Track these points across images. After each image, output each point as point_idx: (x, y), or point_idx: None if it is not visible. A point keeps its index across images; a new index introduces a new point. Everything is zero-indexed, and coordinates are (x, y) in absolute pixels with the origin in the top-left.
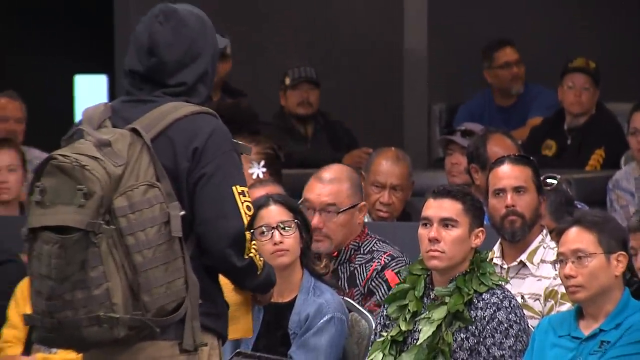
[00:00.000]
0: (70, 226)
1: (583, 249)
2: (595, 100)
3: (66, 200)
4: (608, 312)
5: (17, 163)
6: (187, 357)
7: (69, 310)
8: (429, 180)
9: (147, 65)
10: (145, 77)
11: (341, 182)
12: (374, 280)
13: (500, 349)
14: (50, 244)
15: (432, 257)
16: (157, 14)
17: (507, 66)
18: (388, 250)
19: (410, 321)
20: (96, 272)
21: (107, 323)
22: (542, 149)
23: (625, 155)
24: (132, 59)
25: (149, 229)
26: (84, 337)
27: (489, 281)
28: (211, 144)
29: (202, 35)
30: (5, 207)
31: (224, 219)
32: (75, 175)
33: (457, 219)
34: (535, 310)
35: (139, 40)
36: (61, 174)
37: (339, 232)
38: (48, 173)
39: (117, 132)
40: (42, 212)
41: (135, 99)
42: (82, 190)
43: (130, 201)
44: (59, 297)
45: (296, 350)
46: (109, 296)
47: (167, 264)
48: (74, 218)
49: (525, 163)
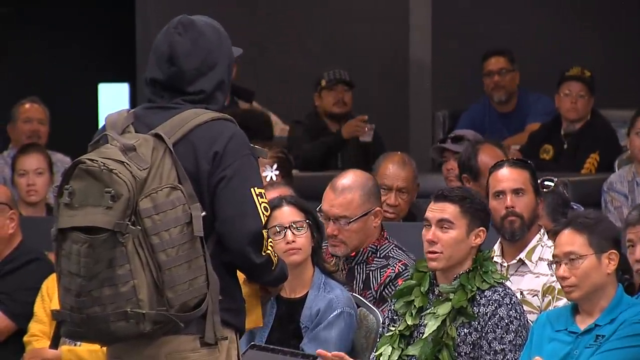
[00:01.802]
0: (99, 227)
1: (575, 251)
2: (591, 107)
3: (94, 202)
4: (603, 308)
5: (44, 166)
6: (208, 350)
7: (98, 306)
8: (433, 182)
9: (168, 74)
10: (165, 85)
11: (352, 192)
12: (387, 287)
13: (501, 344)
14: (79, 243)
15: (430, 259)
16: (175, 25)
17: (489, 75)
18: (403, 259)
19: (416, 316)
20: (123, 270)
21: (133, 318)
22: (540, 153)
23: (619, 159)
24: (153, 68)
25: (172, 229)
26: (111, 332)
27: (491, 279)
28: (230, 148)
29: (218, 46)
30: (33, 209)
31: (244, 219)
32: (104, 179)
33: (453, 220)
34: (534, 305)
35: (159, 50)
36: (89, 177)
37: (354, 238)
38: (76, 176)
39: (140, 137)
40: (71, 213)
41: (156, 105)
42: (110, 193)
43: (154, 203)
44: (88, 294)
45: (307, 343)
46: (135, 293)
47: (190, 262)
48: (102, 219)
49: (523, 166)
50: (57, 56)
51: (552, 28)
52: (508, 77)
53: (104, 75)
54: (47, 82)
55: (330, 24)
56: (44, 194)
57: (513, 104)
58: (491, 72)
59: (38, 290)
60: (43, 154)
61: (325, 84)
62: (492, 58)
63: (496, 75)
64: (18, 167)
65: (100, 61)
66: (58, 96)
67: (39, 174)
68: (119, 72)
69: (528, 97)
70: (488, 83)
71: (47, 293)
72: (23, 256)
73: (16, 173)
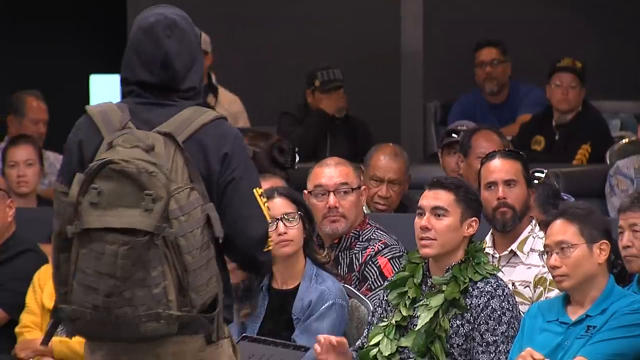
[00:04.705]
0: (136, 228)
1: (566, 240)
2: (582, 98)
3: (129, 204)
4: (594, 299)
5: (34, 158)
6: (211, 348)
7: (128, 307)
8: (425, 173)
9: (161, 78)
10: (157, 86)
11: (346, 165)
12: (367, 265)
13: (494, 335)
14: (117, 244)
15: (423, 245)
16: (162, 28)
17: (481, 66)
18: (383, 238)
19: (410, 307)
20: (156, 272)
21: (164, 319)
22: (531, 144)
23: (610, 150)
24: (139, 70)
25: (195, 230)
26: (140, 332)
27: (483, 270)
28: (238, 150)
29: (195, 39)
30: (23, 200)
31: (252, 220)
32: (142, 181)
33: (447, 208)
34: (525, 296)
35: (146, 52)
36: (123, 179)
37: (353, 211)
38: (105, 176)
39: (150, 136)
40: (101, 213)
41: (150, 101)
42: (150, 195)
43: (179, 204)
44: (120, 295)
45: (299, 334)
46: (166, 294)
47: (208, 262)
48: (142, 221)
49: (515, 158)
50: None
51: (543, 19)
52: (500, 68)
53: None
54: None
55: (321, 14)
56: (35, 185)
57: (504, 95)
58: (483, 62)
59: (30, 281)
60: (33, 145)
61: (320, 85)
62: (484, 49)
63: (488, 66)
64: (8, 158)
65: (92, 52)
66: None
67: (29, 165)
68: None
69: (519, 88)
70: (480, 74)
71: (39, 284)
72: (15, 247)
73: (6, 164)
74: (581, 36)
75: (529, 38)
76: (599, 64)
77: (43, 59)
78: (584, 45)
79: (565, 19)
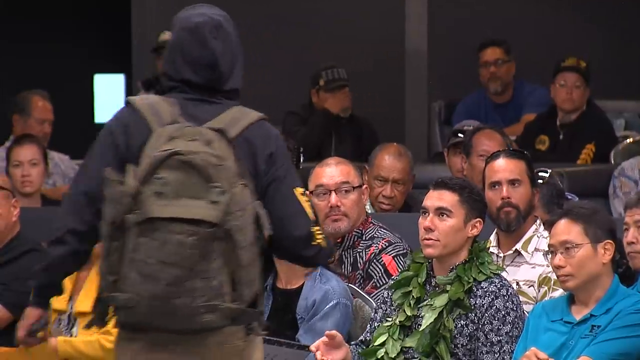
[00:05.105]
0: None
1: (570, 240)
2: (586, 98)
3: (194, 195)
4: (598, 298)
5: (39, 157)
6: (250, 341)
7: (187, 298)
8: (429, 173)
9: (208, 78)
10: (203, 86)
11: (347, 164)
12: (371, 263)
13: (498, 335)
14: (184, 234)
15: (426, 245)
16: (209, 29)
17: (486, 65)
18: (387, 236)
19: (414, 307)
20: (216, 264)
21: (220, 312)
22: (535, 143)
23: (614, 150)
24: (184, 70)
25: (249, 227)
26: (196, 323)
27: (487, 270)
28: (280, 149)
29: (236, 37)
30: (28, 200)
31: (295, 219)
32: (209, 173)
33: (451, 209)
34: (530, 296)
35: (192, 53)
36: (189, 170)
37: (354, 210)
38: (171, 167)
39: (202, 131)
40: (167, 203)
41: (198, 97)
42: (218, 188)
43: (236, 199)
44: (181, 284)
45: (303, 334)
46: (222, 287)
47: (256, 258)
48: (209, 213)
49: (519, 157)
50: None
51: (548, 18)
52: (504, 67)
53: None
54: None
55: (325, 13)
56: (39, 185)
57: (509, 94)
58: (487, 62)
59: None
60: (38, 145)
61: (325, 84)
62: (488, 49)
63: (492, 66)
64: (12, 158)
65: (96, 52)
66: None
67: (33, 164)
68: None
69: (524, 87)
70: (484, 74)
71: None
72: (20, 246)
73: (10, 164)
74: (586, 36)
75: (534, 37)
76: (603, 64)
77: (47, 59)
78: (589, 45)
79: (570, 19)
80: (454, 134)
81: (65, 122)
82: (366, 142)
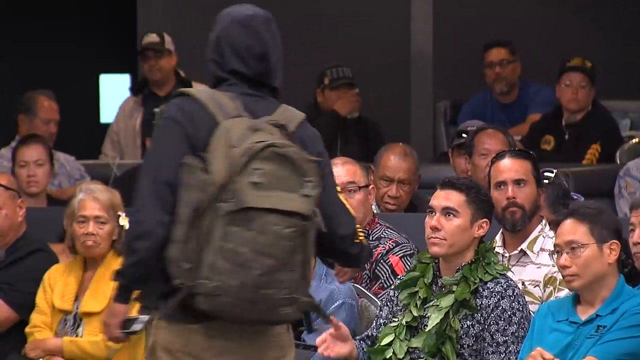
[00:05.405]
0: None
1: (576, 240)
2: (592, 98)
3: (286, 188)
4: (604, 298)
5: (44, 158)
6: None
7: (274, 289)
8: (434, 173)
9: (258, 70)
10: (251, 79)
11: (353, 164)
12: (378, 264)
13: (504, 335)
14: (281, 226)
15: (432, 244)
16: (262, 22)
17: (491, 66)
18: (394, 237)
19: (420, 307)
20: (298, 257)
21: (297, 305)
22: (541, 143)
23: (620, 150)
24: (233, 60)
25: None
26: (276, 315)
27: (493, 270)
28: (324, 148)
29: (279, 37)
30: (33, 200)
31: (341, 216)
32: (302, 167)
33: (458, 209)
34: (535, 296)
35: (243, 44)
36: (283, 162)
37: (360, 210)
38: (267, 158)
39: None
40: (263, 194)
41: (252, 93)
42: (311, 182)
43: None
44: (272, 275)
45: (308, 334)
46: (300, 280)
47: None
48: (303, 206)
49: (525, 157)
50: (58, 47)
51: (553, 18)
52: (509, 68)
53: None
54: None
55: (331, 14)
56: (45, 185)
57: (514, 94)
58: (492, 63)
59: (40, 281)
60: (43, 145)
61: (329, 83)
62: (493, 49)
63: (497, 67)
64: (18, 158)
65: (102, 52)
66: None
67: (39, 165)
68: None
69: (529, 88)
70: (489, 74)
71: (49, 284)
72: (26, 247)
73: (16, 164)
74: (590, 36)
75: (539, 38)
76: (608, 64)
77: (53, 59)
78: (594, 45)
79: (575, 19)
80: (458, 135)
81: (71, 122)
82: (372, 143)
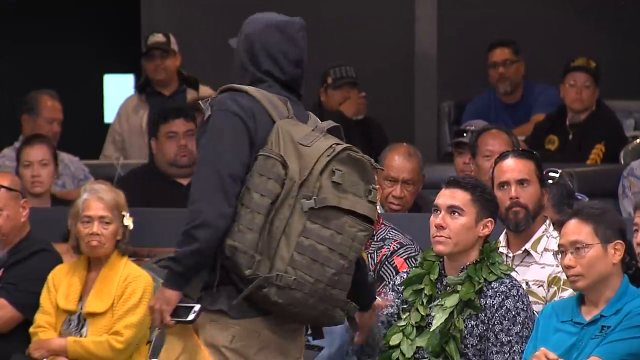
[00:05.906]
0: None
1: (581, 240)
2: (596, 98)
3: (356, 192)
4: (608, 299)
5: (49, 158)
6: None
7: (339, 290)
8: (439, 173)
9: (292, 76)
10: (283, 83)
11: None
12: (383, 266)
13: (508, 335)
14: (356, 229)
15: (437, 242)
16: (298, 29)
17: (494, 66)
18: (398, 238)
19: (426, 305)
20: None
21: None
22: (545, 143)
23: (624, 150)
24: (267, 63)
25: None
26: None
27: (498, 270)
28: None
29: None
30: (37, 200)
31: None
32: (370, 173)
33: (463, 207)
34: (539, 296)
35: (278, 48)
36: (356, 166)
37: None
38: (345, 161)
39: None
40: (341, 195)
41: (291, 97)
42: (375, 189)
43: None
44: (341, 275)
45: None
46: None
47: None
48: (372, 213)
49: (528, 157)
50: (62, 47)
51: (557, 18)
52: (513, 68)
53: (109, 66)
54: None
55: (335, 16)
56: (49, 186)
57: (518, 95)
58: (496, 63)
59: (44, 281)
60: (48, 145)
61: (333, 82)
62: (496, 49)
63: (501, 67)
64: (22, 158)
65: (105, 52)
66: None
67: (43, 165)
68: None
69: (533, 88)
70: (493, 74)
71: (53, 284)
72: (30, 247)
73: (21, 164)
74: (594, 36)
75: (543, 38)
76: (612, 64)
77: (56, 59)
78: (598, 45)
79: (579, 20)
80: (457, 134)
81: (75, 122)
82: (376, 143)
